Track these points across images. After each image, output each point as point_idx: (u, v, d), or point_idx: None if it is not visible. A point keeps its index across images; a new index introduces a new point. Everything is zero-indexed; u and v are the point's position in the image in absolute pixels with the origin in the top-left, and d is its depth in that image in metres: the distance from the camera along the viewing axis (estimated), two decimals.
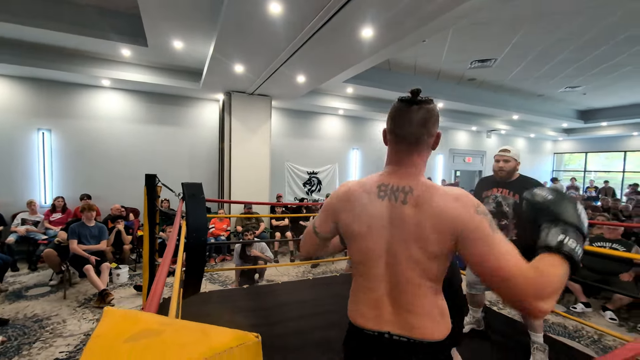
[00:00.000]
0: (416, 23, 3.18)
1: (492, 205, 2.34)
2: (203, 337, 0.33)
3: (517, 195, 2.25)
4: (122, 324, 0.37)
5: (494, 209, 2.33)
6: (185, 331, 0.35)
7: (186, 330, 0.36)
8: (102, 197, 5.90)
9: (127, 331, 0.35)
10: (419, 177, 0.93)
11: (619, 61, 6.03)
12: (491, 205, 2.34)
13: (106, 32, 4.40)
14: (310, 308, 2.99)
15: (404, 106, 0.93)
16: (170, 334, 0.34)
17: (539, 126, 11.03)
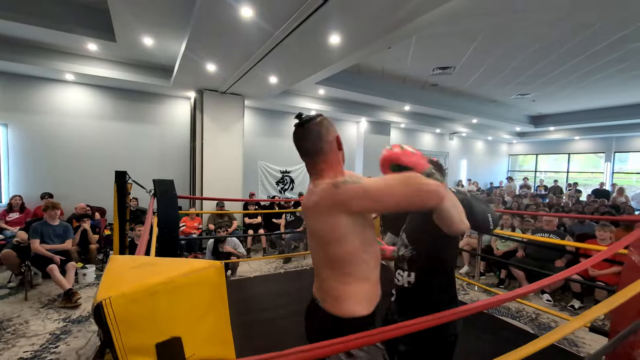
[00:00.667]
0: (380, 32, 3.45)
1: None
2: (186, 264, 0.50)
3: None
4: (127, 260, 0.54)
5: None
6: (173, 262, 0.52)
7: (174, 261, 0.52)
8: (66, 195, 5.67)
9: (131, 263, 0.52)
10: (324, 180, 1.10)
11: (559, 73, 6.75)
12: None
13: (70, 25, 4.28)
14: (284, 299, 3.16)
15: (298, 130, 1.15)
16: (162, 264, 0.51)
17: (496, 129, 11.92)
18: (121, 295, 0.43)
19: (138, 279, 0.46)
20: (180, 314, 0.46)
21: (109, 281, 0.47)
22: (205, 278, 0.48)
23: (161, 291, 0.45)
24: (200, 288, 0.48)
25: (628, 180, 11.79)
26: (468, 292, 4.37)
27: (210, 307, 0.49)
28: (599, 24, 4.54)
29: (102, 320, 0.42)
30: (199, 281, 0.48)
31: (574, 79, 7.14)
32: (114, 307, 0.43)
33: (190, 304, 0.47)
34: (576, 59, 5.94)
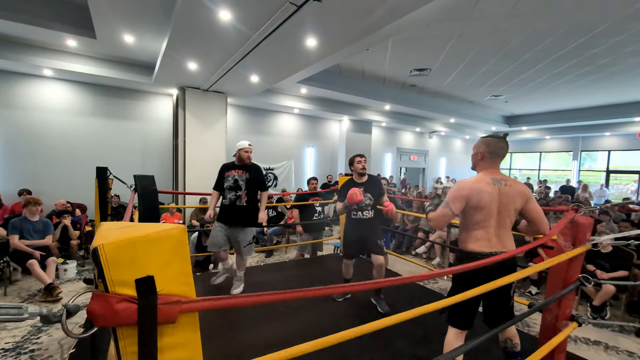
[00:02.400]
0: (355, 36, 3.66)
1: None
2: (158, 226, 0.69)
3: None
4: (115, 224, 0.72)
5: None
6: (150, 225, 0.70)
7: (150, 225, 0.71)
8: (45, 192, 5.63)
9: (118, 226, 0.70)
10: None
11: (527, 76, 7.17)
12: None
13: (49, 20, 4.28)
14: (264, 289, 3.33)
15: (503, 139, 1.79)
16: (141, 226, 0.70)
17: (473, 129, 12.42)
18: (111, 243, 0.62)
19: (123, 234, 0.64)
20: (153, 259, 0.66)
21: (102, 234, 0.66)
22: (171, 235, 0.68)
23: (139, 242, 0.64)
24: (168, 242, 0.67)
25: (596, 178, 12.53)
26: (437, 281, 4.67)
27: (174, 256, 0.68)
28: (560, 31, 4.90)
29: (97, 259, 0.61)
30: (167, 237, 0.67)
31: (542, 82, 7.59)
32: (106, 251, 0.62)
33: (160, 252, 0.66)
34: (541, 63, 6.35)
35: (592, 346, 2.96)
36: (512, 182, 1.74)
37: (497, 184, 1.71)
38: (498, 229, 1.71)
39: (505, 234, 1.73)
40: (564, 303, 1.97)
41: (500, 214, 1.70)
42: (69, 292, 3.97)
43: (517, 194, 1.71)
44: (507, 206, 1.69)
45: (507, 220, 1.72)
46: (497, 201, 1.69)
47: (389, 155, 11.60)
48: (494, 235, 1.70)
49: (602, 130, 10.87)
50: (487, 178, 1.72)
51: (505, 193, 1.70)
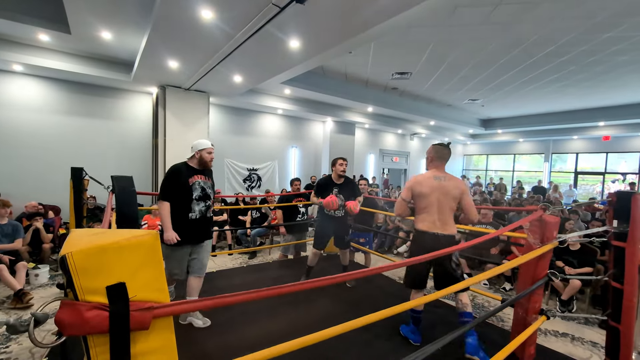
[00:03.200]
0: (337, 39, 3.71)
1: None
2: (130, 233, 0.69)
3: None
4: (85, 231, 0.72)
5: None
6: (122, 231, 0.70)
7: (122, 231, 0.70)
8: (16, 193, 5.36)
9: (89, 233, 0.70)
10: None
11: (501, 81, 7.49)
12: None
13: (19, 13, 4.08)
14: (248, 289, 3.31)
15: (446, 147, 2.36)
16: (112, 232, 0.70)
17: (451, 131, 12.80)
18: (79, 251, 0.62)
19: (93, 241, 0.65)
20: (124, 266, 0.66)
21: (71, 242, 0.66)
22: (143, 242, 0.68)
23: (110, 249, 0.64)
24: (139, 248, 0.68)
25: (566, 179, 13.19)
26: None
27: (146, 263, 0.69)
28: (530, 39, 5.16)
29: (65, 267, 0.61)
30: (138, 243, 0.67)
31: (515, 87, 7.95)
32: (74, 259, 0.62)
33: (131, 259, 0.67)
34: (514, 69, 6.65)
35: (560, 338, 3.13)
36: (450, 177, 2.27)
37: (437, 179, 2.24)
38: (439, 214, 2.23)
39: (446, 219, 2.24)
40: (534, 298, 2.10)
41: (440, 202, 2.22)
42: (41, 298, 3.80)
43: (453, 187, 2.22)
44: (446, 196, 2.21)
45: (446, 207, 2.23)
46: (437, 192, 2.21)
47: (371, 157, 11.77)
48: (437, 220, 2.23)
49: (570, 133, 11.48)
50: (431, 175, 2.27)
51: (444, 186, 2.22)
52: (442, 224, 2.22)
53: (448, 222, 2.23)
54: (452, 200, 2.22)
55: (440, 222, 2.22)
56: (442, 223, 2.22)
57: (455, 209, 2.27)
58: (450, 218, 2.25)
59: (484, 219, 4.82)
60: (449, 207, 2.22)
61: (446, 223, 2.23)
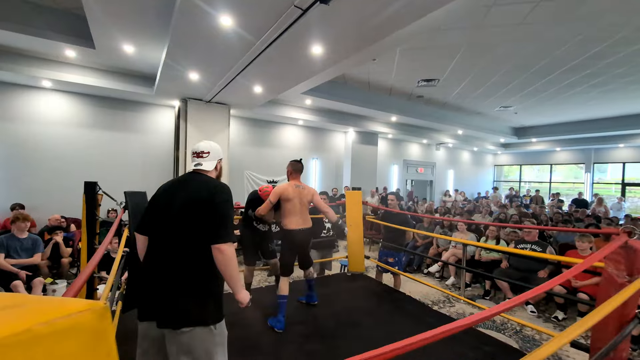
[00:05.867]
0: (362, 43, 3.46)
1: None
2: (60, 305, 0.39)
3: None
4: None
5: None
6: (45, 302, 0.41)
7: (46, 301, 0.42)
8: (41, 207, 5.43)
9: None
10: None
11: (537, 87, 6.95)
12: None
13: (47, 30, 4.16)
14: (270, 313, 3.03)
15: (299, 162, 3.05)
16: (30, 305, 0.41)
17: (481, 140, 12.15)
18: None
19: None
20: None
21: None
22: (77, 325, 0.38)
23: (11, 345, 0.35)
24: (70, 339, 0.38)
25: (607, 191, 12.12)
26: (454, 304, 4.31)
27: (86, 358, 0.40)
28: (574, 39, 4.69)
29: None
30: (68, 329, 0.38)
31: (553, 93, 7.36)
32: None
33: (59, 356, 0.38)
34: (553, 73, 6.13)
35: None
36: (305, 186, 2.94)
37: (297, 187, 2.88)
38: (302, 214, 2.87)
39: (306, 217, 2.91)
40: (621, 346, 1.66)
41: (302, 204, 2.87)
42: None
43: (308, 193, 2.92)
44: (303, 200, 2.87)
45: (305, 208, 2.90)
46: (298, 197, 2.84)
47: (395, 168, 11.33)
48: (300, 218, 2.86)
49: (616, 141, 10.53)
50: (292, 184, 2.89)
51: (301, 192, 2.88)
52: (304, 221, 2.88)
53: (307, 219, 2.93)
54: (308, 203, 2.93)
55: (302, 220, 2.87)
56: (304, 220, 2.88)
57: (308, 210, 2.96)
58: (308, 215, 2.95)
59: (527, 237, 4.29)
60: (306, 208, 2.92)
61: (306, 220, 2.91)
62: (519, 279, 4.20)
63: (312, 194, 2.95)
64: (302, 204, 2.87)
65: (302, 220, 2.88)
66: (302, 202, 2.86)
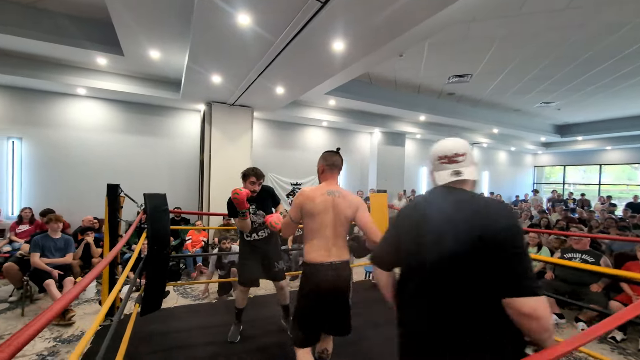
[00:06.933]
0: (387, 37, 3.24)
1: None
2: None
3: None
4: None
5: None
6: None
7: None
8: (75, 208, 5.71)
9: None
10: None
11: (586, 79, 6.28)
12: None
13: (81, 40, 4.35)
14: (272, 324, 2.89)
15: (336, 153, 2.00)
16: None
17: (519, 140, 11.32)
18: None
19: None
20: None
21: None
22: None
23: None
24: None
25: None
26: None
27: None
28: (627, 26, 4.15)
29: None
30: None
31: (603, 86, 6.64)
32: None
33: None
34: (604, 64, 5.50)
35: None
36: (343, 193, 1.85)
37: (330, 194, 1.81)
38: (334, 238, 1.78)
39: (340, 243, 1.81)
40: None
41: (336, 223, 1.79)
42: (84, 314, 3.78)
43: (349, 204, 1.81)
44: (339, 215, 1.78)
45: (341, 229, 1.81)
46: (330, 210, 1.78)
47: (424, 169, 10.84)
48: (330, 245, 1.77)
49: None
50: (323, 189, 1.83)
51: (335, 202, 1.79)
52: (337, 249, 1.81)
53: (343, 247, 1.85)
54: (345, 221, 1.82)
55: (335, 248, 1.80)
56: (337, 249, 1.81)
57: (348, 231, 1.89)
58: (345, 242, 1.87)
59: (576, 246, 3.82)
60: (344, 229, 1.84)
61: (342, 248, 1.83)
62: (567, 292, 3.75)
63: (356, 206, 1.82)
64: (337, 221, 1.77)
65: (333, 249, 1.76)
66: (336, 218, 1.77)
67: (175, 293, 4.45)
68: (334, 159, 1.92)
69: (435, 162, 1.15)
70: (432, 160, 1.18)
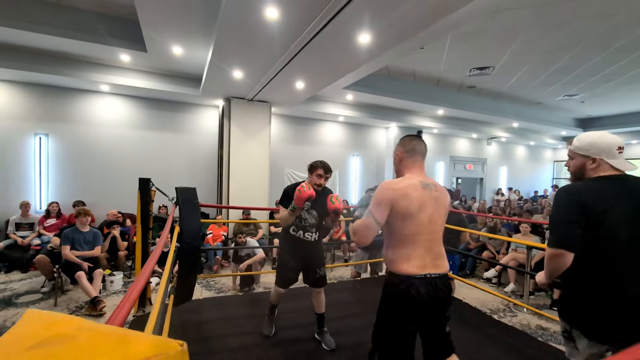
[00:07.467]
0: (412, 29, 3.18)
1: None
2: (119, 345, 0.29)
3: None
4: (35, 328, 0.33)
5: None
6: (103, 337, 0.31)
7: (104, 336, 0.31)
8: (99, 202, 5.85)
9: (37, 336, 0.31)
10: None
11: (614, 70, 6.05)
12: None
13: (105, 37, 4.41)
14: (304, 316, 2.90)
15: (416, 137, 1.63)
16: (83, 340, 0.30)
17: (539, 134, 11.03)
18: None
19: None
20: None
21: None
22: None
23: None
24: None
25: None
26: (516, 313, 3.86)
27: None
28: None
29: None
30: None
31: (629, 78, 6.40)
32: None
33: None
34: (631, 55, 5.29)
35: None
36: (437, 186, 1.51)
37: (426, 188, 1.45)
38: (433, 243, 1.44)
39: (440, 250, 1.48)
40: None
41: (434, 224, 1.44)
42: (113, 305, 3.88)
43: (445, 199, 1.51)
44: (439, 212, 1.46)
45: (440, 232, 1.49)
46: (429, 209, 1.42)
47: (441, 165, 10.69)
48: (432, 251, 1.43)
49: None
50: (417, 182, 1.45)
51: (433, 198, 1.44)
52: (434, 258, 1.44)
53: (442, 254, 1.49)
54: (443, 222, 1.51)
55: (431, 257, 1.43)
56: (434, 257, 1.44)
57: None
58: (443, 248, 1.51)
59: None
60: (442, 232, 1.50)
61: (440, 257, 1.47)
62: None
63: (449, 202, 1.57)
64: (435, 223, 1.45)
65: (428, 258, 1.42)
66: (433, 218, 1.43)
67: (199, 286, 4.52)
68: (413, 143, 1.55)
69: (613, 151, 1.30)
70: (604, 150, 1.31)
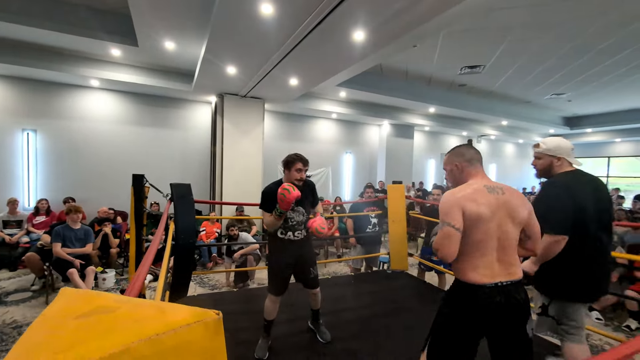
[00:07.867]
0: (406, 27, 3.22)
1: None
2: (159, 314, 0.31)
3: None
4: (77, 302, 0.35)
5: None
6: (142, 308, 0.33)
7: (143, 307, 0.34)
8: (90, 199, 5.76)
9: (80, 309, 0.33)
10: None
11: (600, 70, 6.22)
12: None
13: (95, 31, 4.33)
14: (299, 310, 2.93)
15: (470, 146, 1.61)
16: (125, 310, 0.33)
17: (527, 132, 11.27)
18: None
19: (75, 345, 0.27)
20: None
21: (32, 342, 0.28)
22: (184, 343, 0.29)
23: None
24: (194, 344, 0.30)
25: None
26: None
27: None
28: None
29: None
30: (174, 348, 0.29)
31: (614, 78, 6.58)
32: None
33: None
34: (620, 54, 5.44)
35: None
36: (507, 189, 1.41)
37: (493, 192, 1.37)
38: (503, 250, 1.34)
39: (512, 258, 1.36)
40: None
41: (504, 230, 1.34)
42: None
43: (519, 202, 1.37)
44: (511, 216, 1.34)
45: (513, 239, 1.36)
46: (499, 214, 1.33)
47: (432, 162, 10.84)
48: (502, 258, 1.33)
49: None
50: (479, 184, 1.40)
51: (501, 201, 1.35)
52: (505, 266, 1.33)
53: (515, 261, 1.37)
54: (519, 226, 1.37)
55: (500, 264, 1.33)
56: (504, 265, 1.33)
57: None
58: (516, 254, 1.39)
59: None
60: (515, 238, 1.37)
61: (512, 264, 1.36)
62: None
63: (527, 206, 1.40)
64: (505, 228, 1.34)
65: (497, 265, 1.32)
66: (503, 223, 1.33)
67: (193, 282, 4.51)
68: (471, 151, 1.51)
69: (570, 152, 1.86)
70: (565, 151, 1.86)
